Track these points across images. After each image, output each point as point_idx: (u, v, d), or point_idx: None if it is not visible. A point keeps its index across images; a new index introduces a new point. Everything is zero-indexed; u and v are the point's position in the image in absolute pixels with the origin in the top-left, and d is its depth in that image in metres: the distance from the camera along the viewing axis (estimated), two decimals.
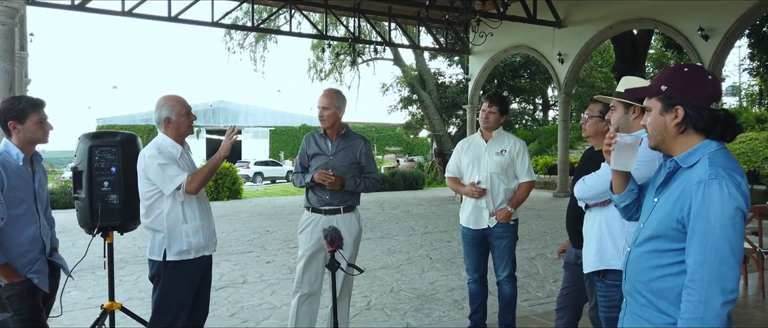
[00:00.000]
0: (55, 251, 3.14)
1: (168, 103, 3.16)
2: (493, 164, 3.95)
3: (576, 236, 3.06)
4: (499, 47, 16.77)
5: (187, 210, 3.08)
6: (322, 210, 3.77)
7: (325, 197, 3.76)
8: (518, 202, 3.99)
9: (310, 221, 3.81)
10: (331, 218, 3.75)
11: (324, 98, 3.82)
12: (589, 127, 3.15)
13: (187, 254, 3.07)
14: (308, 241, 3.78)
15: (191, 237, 3.07)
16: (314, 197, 3.81)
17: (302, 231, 3.85)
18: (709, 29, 11.85)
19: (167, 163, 3.02)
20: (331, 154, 3.80)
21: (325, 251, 3.14)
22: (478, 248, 4.06)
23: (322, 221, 3.74)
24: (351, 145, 3.85)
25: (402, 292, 5.65)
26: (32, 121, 2.89)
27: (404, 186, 19.44)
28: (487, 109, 3.97)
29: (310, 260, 3.79)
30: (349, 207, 3.84)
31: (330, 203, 3.77)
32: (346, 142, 3.85)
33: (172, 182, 3.02)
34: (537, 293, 5.59)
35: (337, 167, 3.75)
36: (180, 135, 3.19)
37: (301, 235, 3.86)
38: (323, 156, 3.81)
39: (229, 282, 6.07)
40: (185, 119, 3.18)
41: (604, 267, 2.52)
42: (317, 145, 3.86)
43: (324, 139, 3.86)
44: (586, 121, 3.18)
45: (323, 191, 3.75)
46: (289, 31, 16.32)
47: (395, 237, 8.97)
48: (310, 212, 3.84)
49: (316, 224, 3.76)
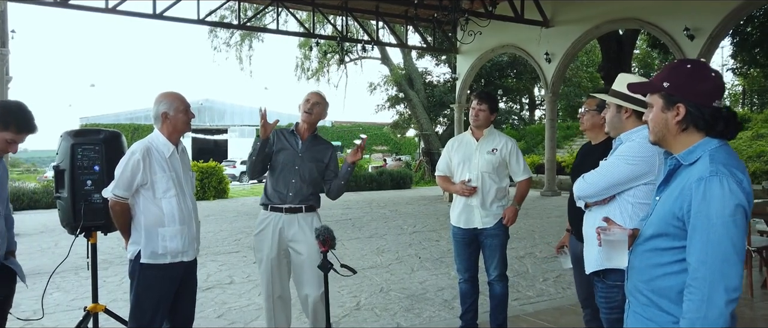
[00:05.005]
0: (11, 255, 2.97)
1: (167, 98, 3.06)
2: (484, 162, 3.91)
3: (580, 230, 3.05)
4: (486, 47, 16.77)
5: (166, 212, 2.96)
6: (283, 208, 3.64)
7: (288, 194, 3.63)
8: (521, 199, 3.98)
9: (268, 221, 3.66)
10: (291, 217, 3.63)
11: (315, 94, 3.77)
12: (587, 121, 3.14)
13: (162, 258, 2.96)
14: (270, 244, 3.62)
15: (168, 241, 2.95)
16: (274, 193, 3.66)
17: (260, 232, 3.68)
18: (695, 29, 11.94)
19: (131, 169, 2.89)
20: (300, 152, 3.70)
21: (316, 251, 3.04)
22: (469, 248, 4.02)
23: (282, 221, 3.62)
24: (320, 149, 3.78)
25: (392, 292, 5.60)
26: (4, 137, 2.73)
27: (392, 185, 19.39)
28: (476, 107, 3.93)
29: (274, 265, 3.64)
30: (310, 207, 3.71)
31: (291, 201, 3.64)
32: (316, 144, 3.78)
33: (111, 187, 2.92)
34: (527, 292, 5.57)
35: (302, 167, 3.66)
36: (176, 132, 3.07)
37: (259, 236, 3.68)
38: (291, 151, 3.68)
39: (216, 283, 5.97)
40: (183, 116, 3.07)
41: (606, 267, 2.48)
42: (286, 141, 3.73)
43: (294, 137, 3.75)
44: (583, 115, 3.17)
45: (286, 187, 3.63)
46: (276, 29, 16.19)
47: (384, 237, 8.92)
48: (267, 210, 3.69)
49: (276, 224, 3.63)
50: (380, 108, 29.32)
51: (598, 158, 2.78)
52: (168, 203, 2.97)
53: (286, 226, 3.63)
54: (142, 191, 2.95)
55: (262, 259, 3.69)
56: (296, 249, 3.62)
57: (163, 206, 2.96)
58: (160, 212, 2.95)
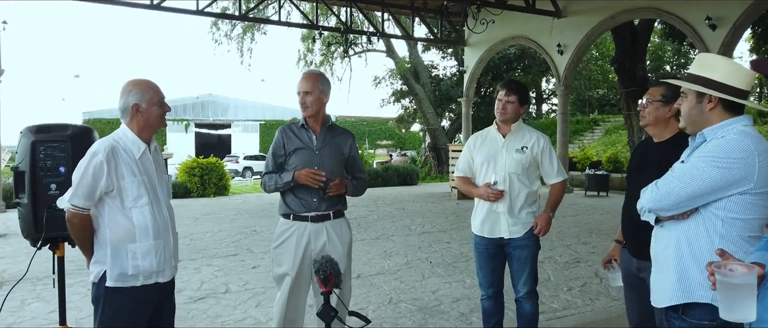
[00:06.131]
0: None
1: (138, 88, 2.53)
2: (513, 162, 3.39)
3: (637, 244, 2.56)
4: (495, 38, 16.21)
5: (137, 224, 2.44)
6: (309, 217, 3.15)
7: (313, 200, 3.14)
8: (555, 205, 3.45)
9: (292, 231, 3.15)
10: (318, 227, 3.15)
11: (305, 81, 3.18)
12: (649, 114, 2.63)
13: (133, 280, 2.45)
14: (293, 259, 3.13)
15: (139, 259, 2.44)
16: (296, 201, 3.16)
17: (281, 244, 3.18)
18: (717, 18, 11.34)
19: (93, 173, 2.38)
20: (317, 148, 3.20)
21: (313, 282, 2.51)
22: (494, 260, 3.50)
23: (308, 232, 3.13)
24: (338, 140, 3.26)
25: (402, 303, 5.09)
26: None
27: (398, 181, 18.85)
28: (504, 98, 3.40)
29: (296, 285, 3.14)
30: (339, 212, 3.25)
31: (318, 208, 3.15)
32: (333, 135, 3.26)
33: (68, 196, 2.43)
34: (552, 303, 5.05)
35: (324, 164, 3.14)
36: (149, 127, 2.56)
37: (279, 249, 3.18)
38: (307, 150, 3.17)
39: (210, 292, 5.47)
40: (157, 109, 2.55)
41: (688, 300, 1.96)
42: (298, 139, 3.21)
43: (306, 132, 3.22)
44: (644, 107, 2.65)
45: (309, 193, 3.13)
46: (278, 20, 15.65)
47: (391, 238, 8.41)
48: (290, 220, 3.18)
49: (301, 236, 3.14)
50: (385, 102, 28.80)
51: (663, 160, 2.28)
52: (139, 213, 2.46)
53: (313, 238, 3.14)
54: (107, 200, 2.44)
55: (281, 276, 3.17)
56: None
57: (134, 217, 2.45)
58: (130, 224, 2.44)
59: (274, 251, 3.24)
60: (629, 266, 2.74)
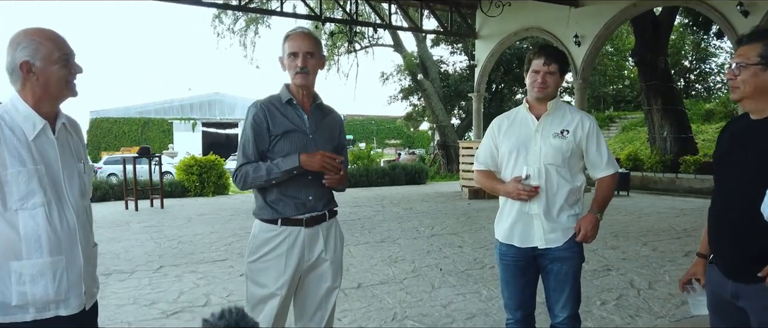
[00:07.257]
0: None
1: (28, 39, 1.78)
2: (550, 150, 2.62)
3: (735, 261, 1.89)
4: (508, 30, 15.43)
5: (24, 234, 1.73)
6: (303, 220, 2.44)
7: (308, 198, 2.44)
8: (604, 204, 2.71)
9: (280, 239, 2.43)
10: (313, 231, 2.46)
11: (305, 40, 2.43)
12: (744, 83, 1.87)
13: (17, 314, 1.73)
14: (281, 273, 2.42)
15: (27, 285, 1.72)
16: (285, 200, 2.43)
17: (262, 257, 2.45)
18: (750, 4, 10.53)
19: None
20: (311, 132, 2.48)
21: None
22: (524, 275, 2.75)
23: (302, 238, 2.43)
24: (329, 121, 2.56)
25: (408, 319, 4.35)
26: None
27: (406, 180, 18.09)
28: (543, 69, 2.60)
29: (283, 306, 2.45)
30: (334, 211, 2.59)
31: (314, 208, 2.46)
32: (323, 116, 2.55)
33: None
34: (585, 322, 4.27)
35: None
36: (48, 96, 1.82)
37: (263, 263, 2.45)
38: (299, 134, 2.45)
39: (187, 304, 4.75)
40: (58, 70, 1.81)
41: None
42: (286, 118, 2.46)
43: (294, 110, 2.48)
44: (735, 76, 1.90)
45: (303, 189, 2.43)
46: (281, 11, 14.95)
47: (397, 241, 7.66)
48: (276, 225, 2.44)
49: (293, 245, 2.43)
50: (393, 99, 28.06)
51: None
52: (29, 217, 1.73)
53: (308, 246, 2.46)
54: None
55: (263, 298, 2.44)
56: (319, 275, 2.50)
57: (20, 224, 1.72)
58: (13, 233, 1.72)
59: (251, 267, 2.50)
60: (720, 289, 2.00)
